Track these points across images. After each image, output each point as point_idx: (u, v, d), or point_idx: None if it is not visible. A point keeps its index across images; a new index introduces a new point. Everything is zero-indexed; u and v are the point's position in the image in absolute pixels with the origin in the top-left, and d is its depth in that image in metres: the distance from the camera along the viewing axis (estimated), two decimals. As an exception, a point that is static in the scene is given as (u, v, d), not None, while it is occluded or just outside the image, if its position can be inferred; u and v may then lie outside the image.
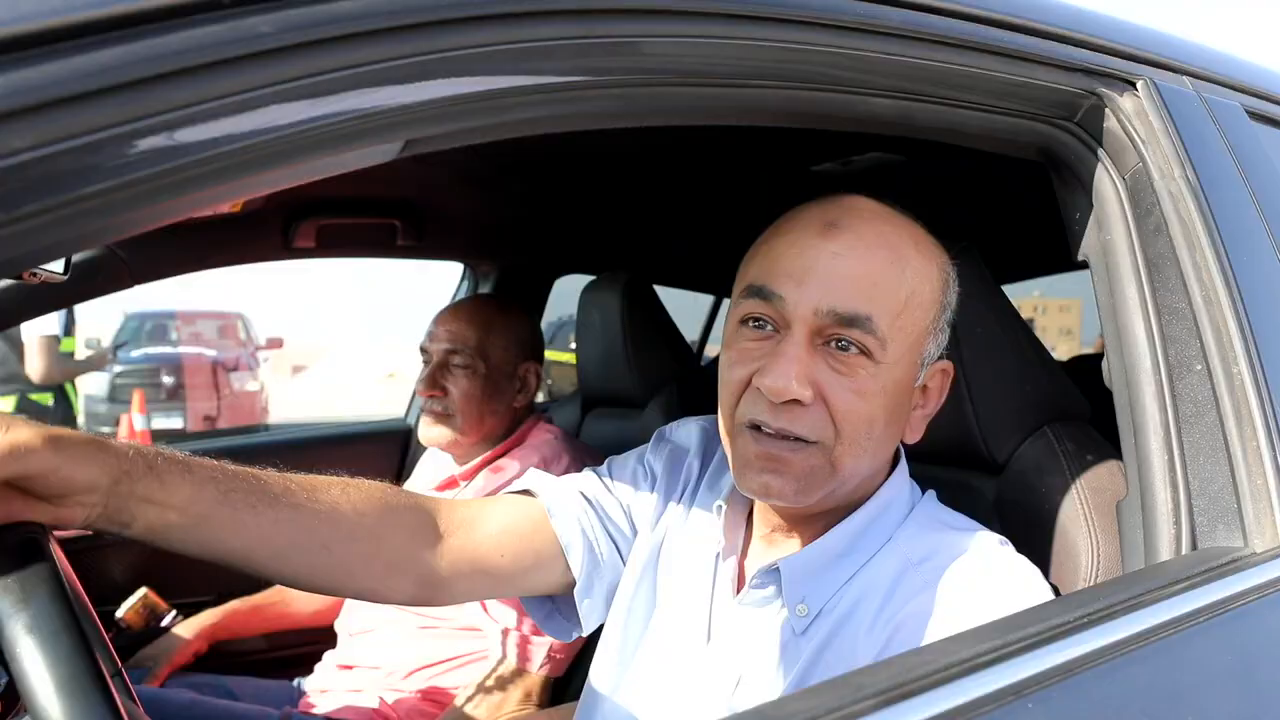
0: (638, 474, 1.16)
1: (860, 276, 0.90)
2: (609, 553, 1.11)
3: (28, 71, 0.50)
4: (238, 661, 2.08)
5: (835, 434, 0.90)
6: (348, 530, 0.94)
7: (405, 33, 0.64)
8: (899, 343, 0.91)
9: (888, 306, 0.90)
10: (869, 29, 0.88)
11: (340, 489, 0.96)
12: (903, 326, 0.92)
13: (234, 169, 0.60)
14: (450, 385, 1.89)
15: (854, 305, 0.89)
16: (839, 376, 0.90)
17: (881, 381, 0.91)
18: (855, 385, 0.90)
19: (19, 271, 0.59)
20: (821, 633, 0.94)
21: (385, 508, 0.99)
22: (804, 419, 0.90)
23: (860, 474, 0.95)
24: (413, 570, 1.00)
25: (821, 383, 0.90)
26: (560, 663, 1.73)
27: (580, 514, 1.10)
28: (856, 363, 0.90)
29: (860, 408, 0.90)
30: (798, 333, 0.90)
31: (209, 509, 0.85)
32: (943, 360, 0.98)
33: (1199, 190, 1.04)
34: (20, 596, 0.72)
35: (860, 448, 0.91)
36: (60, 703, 0.67)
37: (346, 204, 2.13)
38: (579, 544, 1.09)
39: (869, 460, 0.94)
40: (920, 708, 0.64)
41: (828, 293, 0.89)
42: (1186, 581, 0.86)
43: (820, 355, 0.90)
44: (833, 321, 0.89)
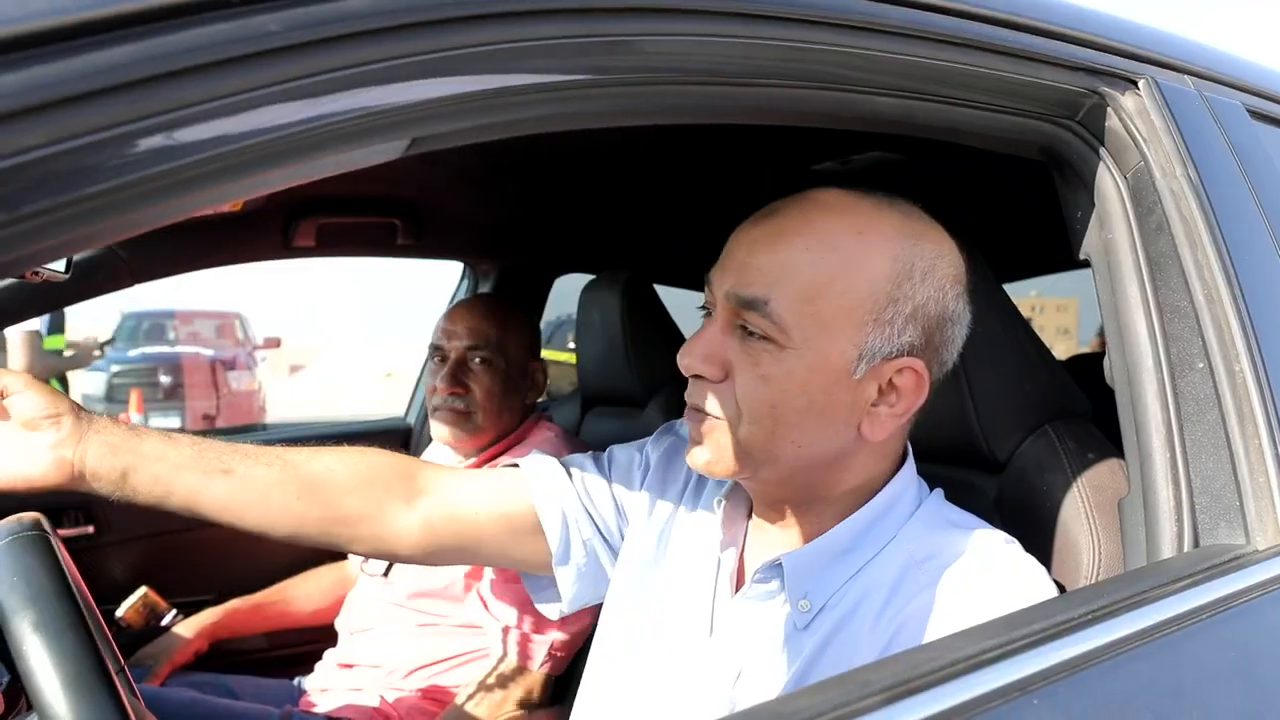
0: (634, 463, 1.18)
1: (767, 262, 0.92)
2: (589, 533, 1.13)
3: (36, 70, 0.50)
4: (238, 660, 2.08)
5: (738, 413, 0.93)
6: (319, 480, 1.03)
7: (411, 31, 0.64)
8: (809, 330, 0.90)
9: (793, 292, 0.90)
10: (872, 28, 0.88)
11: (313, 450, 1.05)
12: (816, 313, 0.90)
13: (241, 167, 0.60)
14: (472, 383, 1.88)
15: (752, 290, 0.91)
16: (746, 359, 0.92)
17: (787, 366, 0.90)
18: (759, 369, 0.91)
19: (25, 270, 0.59)
20: (824, 628, 0.94)
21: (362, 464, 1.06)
22: (709, 394, 0.94)
23: (789, 458, 0.93)
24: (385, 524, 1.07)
25: (732, 363, 0.93)
26: (561, 660, 1.73)
27: (563, 492, 1.13)
28: (759, 347, 0.91)
29: (760, 392, 0.91)
30: (717, 315, 0.95)
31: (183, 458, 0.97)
32: (910, 358, 0.93)
33: (1200, 189, 1.04)
34: (27, 594, 0.72)
35: (766, 430, 0.92)
36: (67, 699, 0.67)
37: (346, 203, 2.13)
38: (556, 520, 1.12)
39: (792, 446, 0.92)
40: (926, 704, 0.64)
41: (737, 279, 0.93)
42: (1189, 579, 0.87)
43: (736, 338, 0.93)
44: (737, 305, 0.92)
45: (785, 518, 1.01)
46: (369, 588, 1.94)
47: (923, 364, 0.94)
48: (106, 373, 10.16)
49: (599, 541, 1.14)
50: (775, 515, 1.01)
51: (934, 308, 0.93)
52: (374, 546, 1.09)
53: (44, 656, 0.70)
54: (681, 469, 1.14)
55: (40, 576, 0.75)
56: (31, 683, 0.70)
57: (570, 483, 1.15)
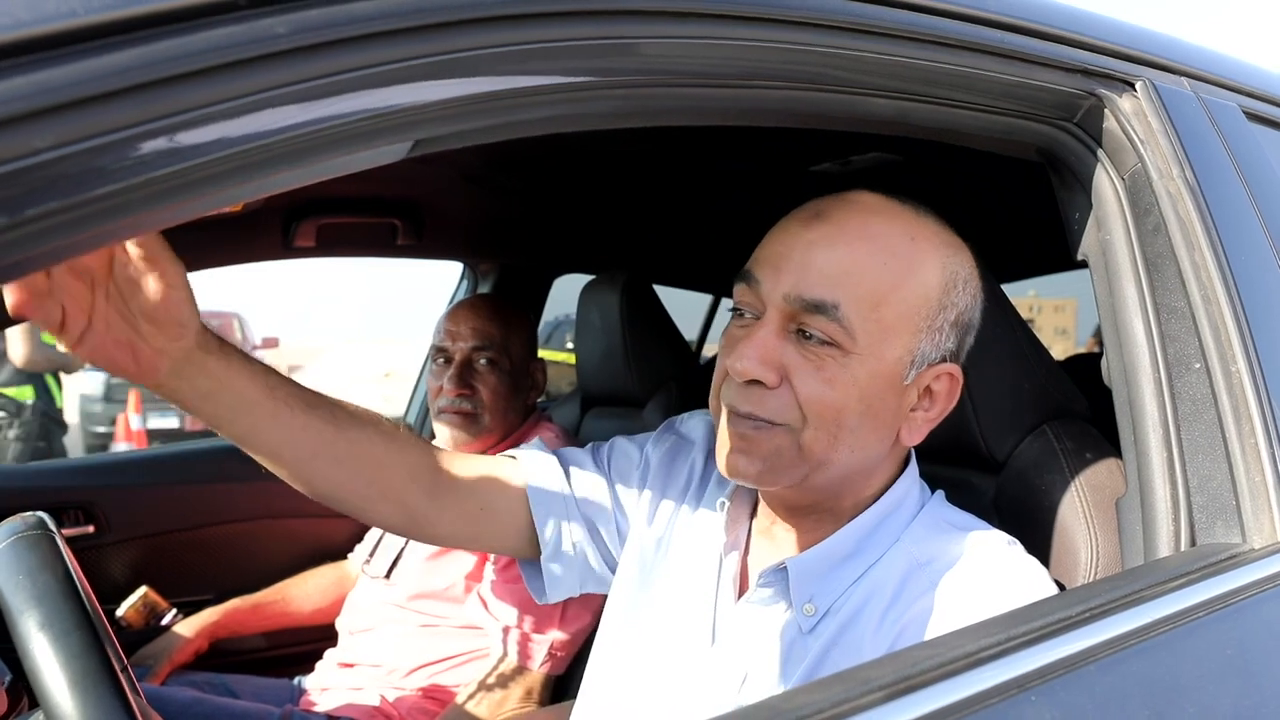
0: (634, 461, 1.18)
1: (832, 265, 0.91)
2: (581, 533, 1.14)
3: (48, 72, 0.50)
4: (238, 660, 2.08)
5: (801, 419, 0.91)
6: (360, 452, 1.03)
7: (416, 34, 0.64)
8: (873, 335, 0.90)
9: (860, 296, 0.90)
10: (870, 30, 0.89)
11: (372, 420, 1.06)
12: (880, 319, 0.91)
13: (248, 169, 0.60)
14: (479, 384, 1.89)
15: (820, 293, 0.90)
16: (806, 364, 0.91)
17: (852, 372, 0.90)
18: (823, 374, 0.90)
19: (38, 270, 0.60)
20: (828, 632, 0.94)
21: (398, 444, 1.07)
22: (768, 401, 0.91)
23: (841, 463, 0.93)
24: (402, 503, 1.08)
25: (789, 368, 0.91)
26: (561, 660, 1.74)
27: (560, 488, 1.14)
28: (824, 352, 0.90)
29: (826, 395, 0.90)
30: (770, 318, 0.92)
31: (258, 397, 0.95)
32: (949, 364, 0.96)
33: (1197, 190, 1.05)
34: (32, 593, 0.73)
35: (830, 435, 0.91)
36: (74, 697, 0.68)
37: (346, 203, 2.13)
38: (548, 516, 1.13)
39: (847, 451, 0.93)
40: (926, 701, 0.65)
41: (798, 280, 0.91)
42: (1185, 577, 0.87)
43: (791, 342, 0.92)
44: (800, 308, 0.90)
45: (792, 521, 1.01)
46: (370, 589, 1.94)
47: (959, 370, 0.97)
48: (105, 373, 10.14)
49: (588, 544, 1.15)
50: (783, 519, 1.01)
51: (967, 316, 0.97)
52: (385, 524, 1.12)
53: (50, 655, 0.71)
54: (683, 470, 1.14)
55: (45, 575, 0.75)
56: (38, 681, 0.70)
57: (567, 484, 1.15)
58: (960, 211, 1.07)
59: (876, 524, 0.98)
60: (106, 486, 2.24)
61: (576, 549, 1.15)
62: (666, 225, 2.53)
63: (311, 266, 25.64)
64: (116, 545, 2.17)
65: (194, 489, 2.29)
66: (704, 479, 1.13)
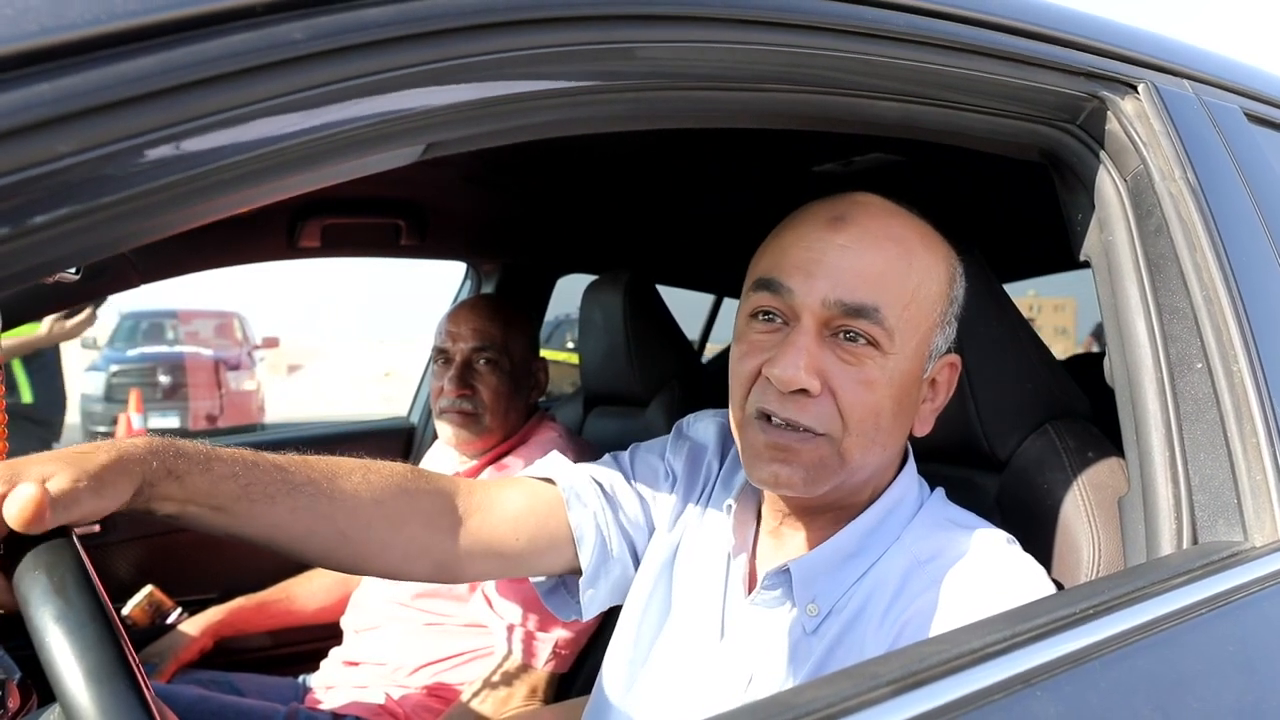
0: (659, 472, 1.16)
1: (867, 268, 0.92)
2: (619, 548, 1.12)
3: (71, 79, 0.51)
4: (243, 658, 2.08)
5: (843, 426, 0.91)
6: (366, 518, 0.97)
7: (429, 39, 0.65)
8: (906, 335, 0.93)
9: (895, 298, 0.92)
10: (874, 33, 0.89)
11: (361, 474, 0.99)
12: (910, 318, 0.93)
13: (264, 173, 0.61)
14: (479, 384, 1.90)
15: (861, 296, 0.91)
16: (847, 367, 0.91)
17: (889, 373, 0.92)
18: (863, 376, 0.91)
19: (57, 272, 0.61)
20: (832, 631, 0.95)
21: (404, 493, 1.01)
22: (811, 410, 0.91)
23: (869, 465, 0.95)
24: (429, 553, 1.02)
25: (829, 373, 0.91)
26: (565, 659, 1.74)
27: (597, 509, 1.11)
28: (864, 354, 0.91)
29: (867, 399, 0.91)
30: (807, 324, 0.92)
31: (227, 503, 0.89)
32: (950, 354, 0.99)
33: (1199, 191, 1.06)
34: (48, 587, 0.73)
35: (868, 439, 0.93)
36: (90, 690, 0.68)
37: (351, 204, 2.14)
38: (591, 537, 1.10)
39: (878, 452, 0.95)
40: (933, 695, 0.65)
41: (835, 284, 0.91)
42: (1187, 575, 0.88)
43: (828, 346, 0.92)
44: (840, 313, 0.91)
45: (798, 522, 1.01)
46: (374, 587, 1.95)
47: (959, 358, 1.00)
48: (105, 372, 10.15)
49: (628, 556, 1.14)
50: (789, 520, 1.02)
51: (959, 306, 1.00)
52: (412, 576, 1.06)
53: (67, 648, 0.71)
54: (699, 476, 1.14)
55: (61, 570, 0.76)
56: (54, 674, 0.70)
57: (604, 502, 1.12)
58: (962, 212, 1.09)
59: (878, 523, 0.99)
60: (112, 486, 2.24)
61: (615, 564, 1.12)
62: (669, 225, 2.54)
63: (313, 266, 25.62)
64: (122, 545, 2.18)
65: (199, 488, 2.29)
66: (715, 482, 1.14)
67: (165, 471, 0.84)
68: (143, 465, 0.83)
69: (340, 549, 0.97)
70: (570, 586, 1.15)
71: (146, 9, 0.54)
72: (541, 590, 1.18)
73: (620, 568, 1.13)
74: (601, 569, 1.11)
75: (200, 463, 0.87)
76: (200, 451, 0.88)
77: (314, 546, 0.95)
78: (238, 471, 0.90)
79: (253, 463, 0.92)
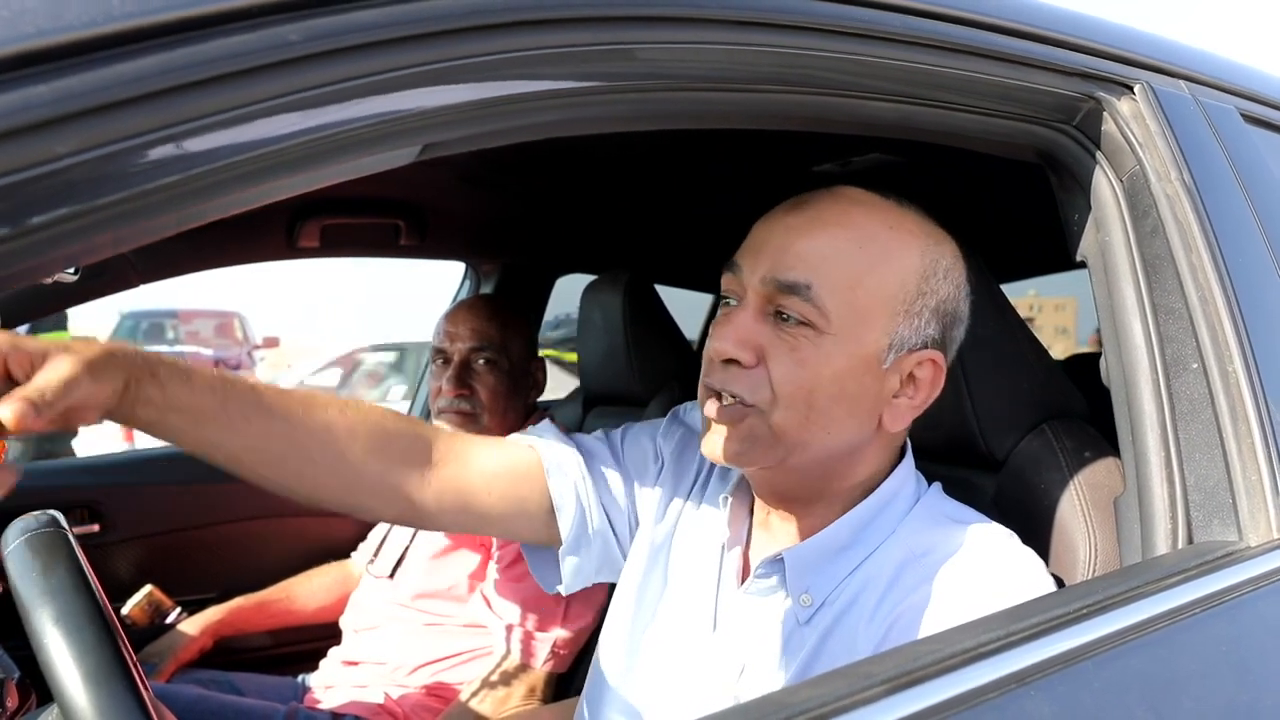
0: (649, 454, 1.17)
1: (807, 249, 0.93)
2: (600, 523, 1.13)
3: (68, 80, 0.52)
4: (242, 657, 2.09)
5: (772, 399, 0.93)
6: (337, 449, 0.99)
7: (426, 40, 0.66)
8: (847, 317, 0.92)
9: (834, 279, 0.92)
10: (871, 34, 0.90)
11: (338, 409, 1.01)
12: (853, 301, 0.93)
13: (261, 173, 0.62)
14: (477, 384, 1.90)
15: (794, 274, 0.92)
16: (781, 344, 0.93)
17: (825, 351, 0.92)
18: (796, 354, 0.92)
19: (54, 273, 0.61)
20: (824, 623, 0.96)
21: (380, 431, 1.03)
22: (741, 379, 0.94)
23: (817, 445, 0.95)
24: (398, 493, 1.04)
25: (765, 348, 0.93)
26: (564, 658, 1.75)
27: (578, 479, 1.12)
28: (798, 332, 0.93)
29: (799, 374, 0.92)
30: (749, 301, 0.95)
31: (204, 414, 0.92)
32: (930, 350, 0.97)
33: (1195, 192, 1.06)
34: (46, 589, 0.74)
35: (801, 415, 0.93)
36: (88, 691, 0.69)
37: (350, 204, 2.14)
38: (571, 508, 1.11)
39: (821, 432, 0.94)
40: (927, 695, 0.66)
41: (774, 263, 0.94)
42: (1182, 574, 0.88)
43: (768, 324, 0.94)
44: (774, 290, 0.93)
45: (789, 513, 1.02)
46: (374, 588, 1.95)
47: (942, 356, 0.99)
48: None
49: (609, 532, 1.14)
50: (779, 511, 1.03)
51: (950, 306, 0.99)
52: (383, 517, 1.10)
53: (64, 649, 0.72)
54: (691, 464, 1.15)
55: (59, 571, 0.76)
56: (52, 675, 0.71)
57: (586, 474, 1.13)
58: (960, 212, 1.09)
59: (873, 515, 0.99)
60: (112, 485, 2.25)
61: (596, 538, 1.13)
62: (668, 225, 2.54)
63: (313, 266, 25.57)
64: (121, 544, 2.18)
65: (198, 488, 2.30)
66: (711, 474, 1.14)
67: (149, 372, 0.88)
68: (129, 359, 0.86)
69: (309, 478, 0.99)
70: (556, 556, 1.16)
71: (143, 10, 0.54)
72: (528, 554, 1.20)
73: (600, 541, 1.14)
74: (581, 541, 1.13)
75: (180, 373, 0.91)
76: (180, 364, 0.92)
77: (284, 473, 0.98)
78: (215, 387, 0.93)
79: (230, 381, 0.95)
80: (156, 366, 0.89)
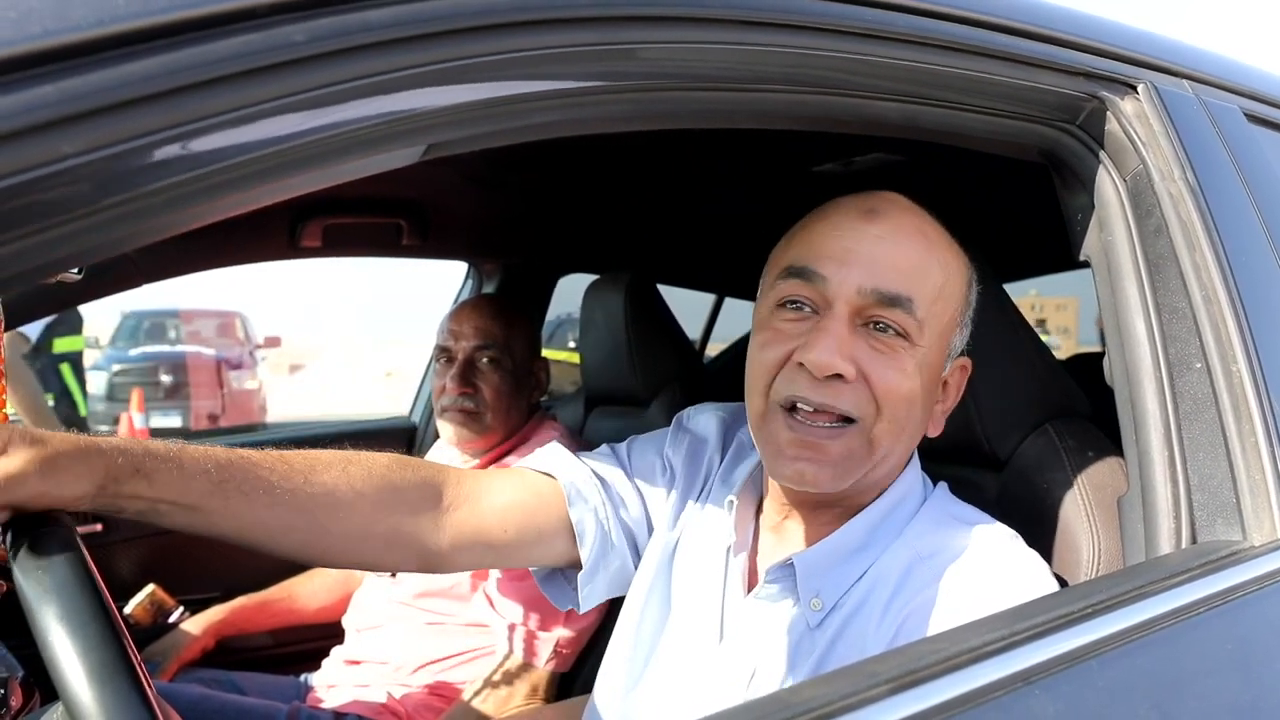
0: (658, 467, 1.16)
1: (901, 260, 0.93)
2: (620, 542, 1.13)
3: (74, 80, 0.52)
4: (245, 657, 2.09)
5: (876, 410, 0.92)
6: (345, 511, 0.97)
7: (430, 40, 0.66)
8: (932, 329, 0.95)
9: (925, 292, 0.94)
10: (875, 34, 0.90)
11: (340, 467, 0.98)
12: (936, 314, 0.95)
13: (266, 173, 0.62)
14: (481, 382, 1.90)
15: (896, 286, 0.92)
16: (879, 355, 0.92)
17: (918, 362, 0.94)
18: (896, 364, 0.92)
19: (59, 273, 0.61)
20: (834, 626, 0.95)
21: (386, 485, 1.01)
22: (846, 394, 0.91)
23: (894, 456, 0.97)
24: (413, 544, 1.02)
25: (862, 360, 0.92)
26: (566, 658, 1.75)
27: (598, 503, 1.11)
28: (896, 344, 0.93)
29: (902, 384, 0.93)
30: (840, 311, 0.92)
31: (200, 500, 0.88)
32: (963, 357, 1.02)
33: (1198, 192, 1.06)
34: (49, 586, 0.74)
35: (899, 426, 0.94)
36: (93, 689, 0.69)
37: (352, 204, 2.14)
38: (593, 533, 1.10)
39: (905, 443, 0.97)
40: (932, 694, 0.66)
41: (871, 274, 0.92)
42: (1186, 574, 0.88)
43: (860, 335, 0.93)
44: (875, 301, 0.92)
45: (800, 517, 1.02)
46: (376, 587, 1.95)
47: (970, 361, 1.02)
48: (107, 372, 10.17)
49: (627, 552, 1.14)
50: (792, 516, 1.02)
51: (973, 311, 1.03)
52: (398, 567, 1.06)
53: (69, 647, 0.72)
54: (700, 471, 1.14)
55: (63, 568, 0.76)
56: (56, 673, 0.71)
57: (605, 498, 1.12)
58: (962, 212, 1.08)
59: (882, 518, 0.99)
60: (114, 485, 2.25)
61: (615, 557, 1.12)
62: (670, 225, 2.54)
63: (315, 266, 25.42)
64: (124, 543, 2.18)
65: (201, 487, 2.30)
66: (715, 476, 1.14)
67: (132, 469, 0.84)
68: (106, 459, 0.82)
69: (319, 545, 0.97)
70: (569, 576, 1.16)
71: (148, 11, 0.54)
72: (538, 577, 1.18)
73: (619, 560, 1.13)
74: (601, 564, 1.12)
75: (170, 460, 0.87)
76: (170, 449, 0.88)
77: (292, 541, 0.95)
78: (209, 468, 0.89)
79: (225, 459, 0.91)
80: (142, 460, 0.84)
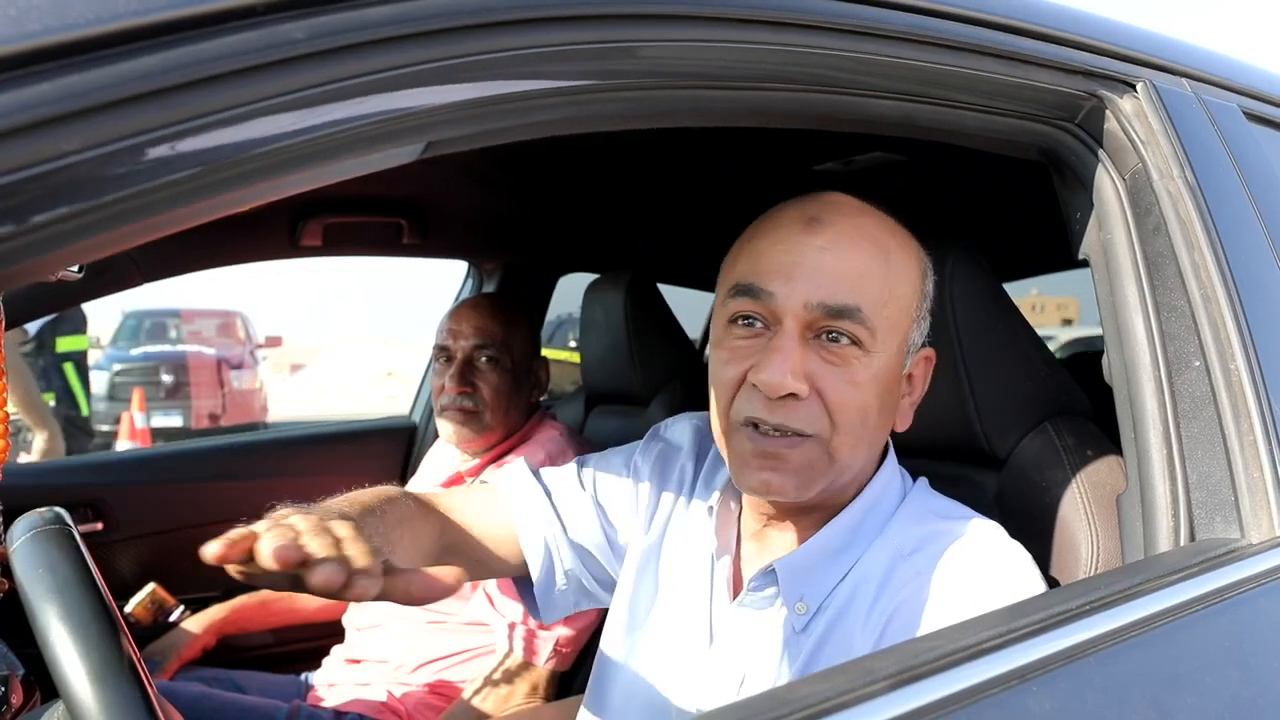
0: (622, 476, 1.16)
1: (847, 269, 0.92)
2: (572, 563, 1.14)
3: (73, 78, 0.52)
4: (245, 656, 2.09)
5: (831, 425, 0.91)
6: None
7: (429, 38, 0.66)
8: (886, 332, 0.93)
9: (874, 297, 0.92)
10: (875, 33, 0.90)
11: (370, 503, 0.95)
12: (889, 316, 0.93)
13: (265, 171, 0.62)
14: (480, 381, 1.90)
15: (842, 298, 0.91)
16: (832, 368, 0.91)
17: (873, 370, 0.92)
18: (848, 376, 0.91)
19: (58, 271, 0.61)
20: (820, 628, 0.95)
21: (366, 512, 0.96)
22: (800, 412, 0.91)
23: (858, 463, 0.96)
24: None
25: (815, 375, 0.91)
26: (566, 656, 1.75)
27: (547, 526, 1.13)
28: (848, 354, 0.91)
29: (855, 397, 0.92)
30: (789, 327, 0.91)
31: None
32: (926, 348, 1.00)
33: (1197, 190, 1.06)
34: (52, 586, 0.74)
35: (856, 437, 0.93)
36: (94, 688, 0.69)
37: (352, 203, 2.15)
38: (539, 556, 1.13)
39: (865, 449, 0.96)
40: (928, 690, 0.66)
41: (817, 287, 0.91)
42: (1184, 571, 0.88)
43: (812, 349, 0.92)
44: (823, 314, 0.91)
45: (782, 522, 1.01)
46: (376, 584, 1.95)
47: (934, 352, 1.01)
48: (108, 371, 10.17)
49: (581, 569, 1.15)
50: (773, 522, 1.02)
51: (930, 302, 1.01)
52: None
53: (70, 646, 0.72)
54: (673, 476, 1.14)
55: (64, 569, 0.77)
56: (57, 672, 0.71)
57: (554, 514, 1.14)
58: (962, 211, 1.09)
59: (862, 518, 0.99)
60: (115, 484, 2.25)
61: (569, 575, 1.15)
62: (670, 224, 2.54)
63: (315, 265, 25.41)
64: (125, 542, 2.19)
65: (201, 487, 2.30)
66: (693, 484, 1.13)
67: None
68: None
69: None
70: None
71: (148, 8, 0.54)
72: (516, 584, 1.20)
73: (574, 581, 1.15)
74: (551, 582, 1.14)
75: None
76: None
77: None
78: None
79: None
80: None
